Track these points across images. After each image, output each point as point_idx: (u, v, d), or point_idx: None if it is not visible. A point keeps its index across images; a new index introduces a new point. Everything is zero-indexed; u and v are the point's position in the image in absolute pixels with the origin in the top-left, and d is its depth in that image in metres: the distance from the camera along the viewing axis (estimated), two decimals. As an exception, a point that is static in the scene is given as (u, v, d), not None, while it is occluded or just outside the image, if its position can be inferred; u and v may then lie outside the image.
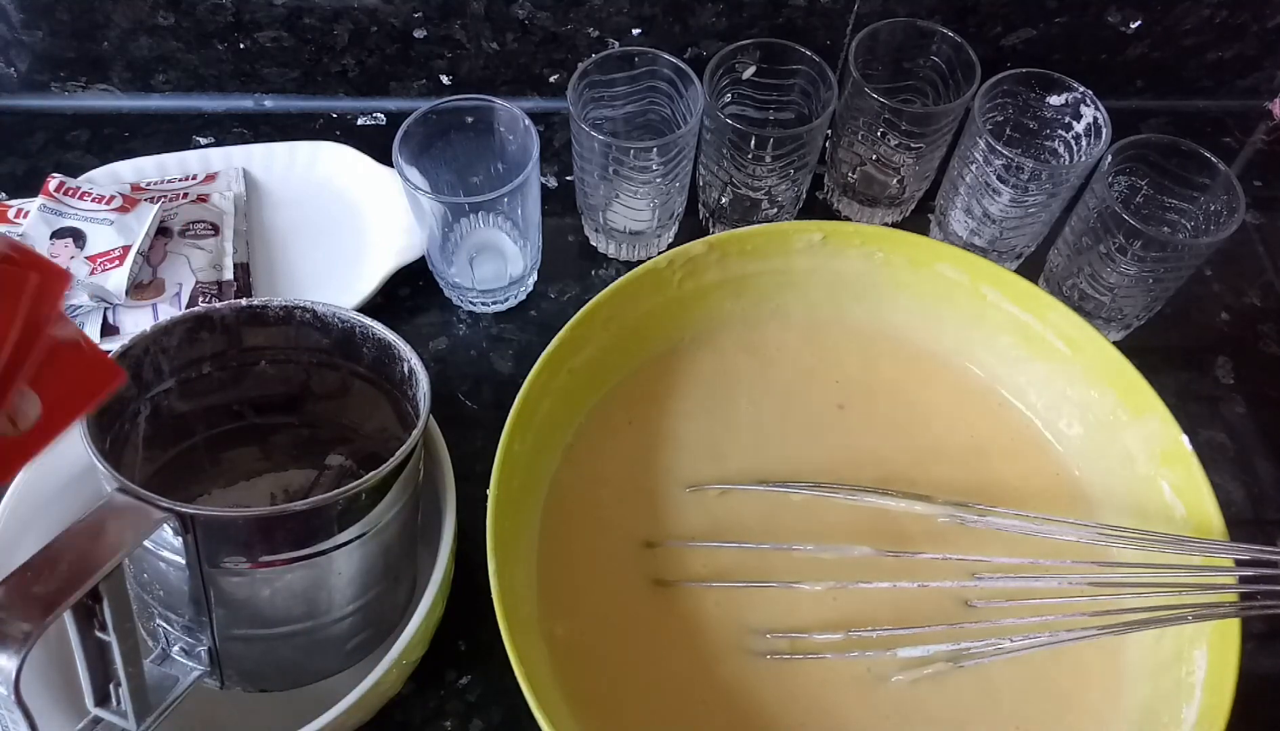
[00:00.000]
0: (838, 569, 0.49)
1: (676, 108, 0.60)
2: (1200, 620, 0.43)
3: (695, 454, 0.53)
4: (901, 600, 0.48)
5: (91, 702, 0.38)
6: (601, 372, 0.53)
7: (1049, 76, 0.58)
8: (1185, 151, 0.56)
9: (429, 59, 0.67)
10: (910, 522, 0.49)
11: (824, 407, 0.55)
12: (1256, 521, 0.57)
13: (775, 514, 0.51)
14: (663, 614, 0.48)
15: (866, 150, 0.62)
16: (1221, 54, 0.71)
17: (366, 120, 0.70)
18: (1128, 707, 0.46)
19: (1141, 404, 0.49)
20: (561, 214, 0.66)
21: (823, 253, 0.54)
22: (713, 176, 0.62)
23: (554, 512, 0.50)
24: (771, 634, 0.48)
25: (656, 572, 0.49)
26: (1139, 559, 0.47)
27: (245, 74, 0.68)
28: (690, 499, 0.51)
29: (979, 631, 0.47)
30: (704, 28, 0.66)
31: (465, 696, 0.50)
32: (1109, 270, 0.57)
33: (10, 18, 0.63)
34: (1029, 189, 0.57)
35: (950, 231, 0.64)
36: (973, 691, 0.47)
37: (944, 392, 0.56)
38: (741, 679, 0.47)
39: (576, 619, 0.48)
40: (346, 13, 0.64)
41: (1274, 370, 0.63)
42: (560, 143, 0.69)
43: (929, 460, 0.53)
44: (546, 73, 0.69)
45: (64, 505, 0.46)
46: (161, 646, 0.42)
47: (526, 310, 0.62)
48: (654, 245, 0.64)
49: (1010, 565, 0.48)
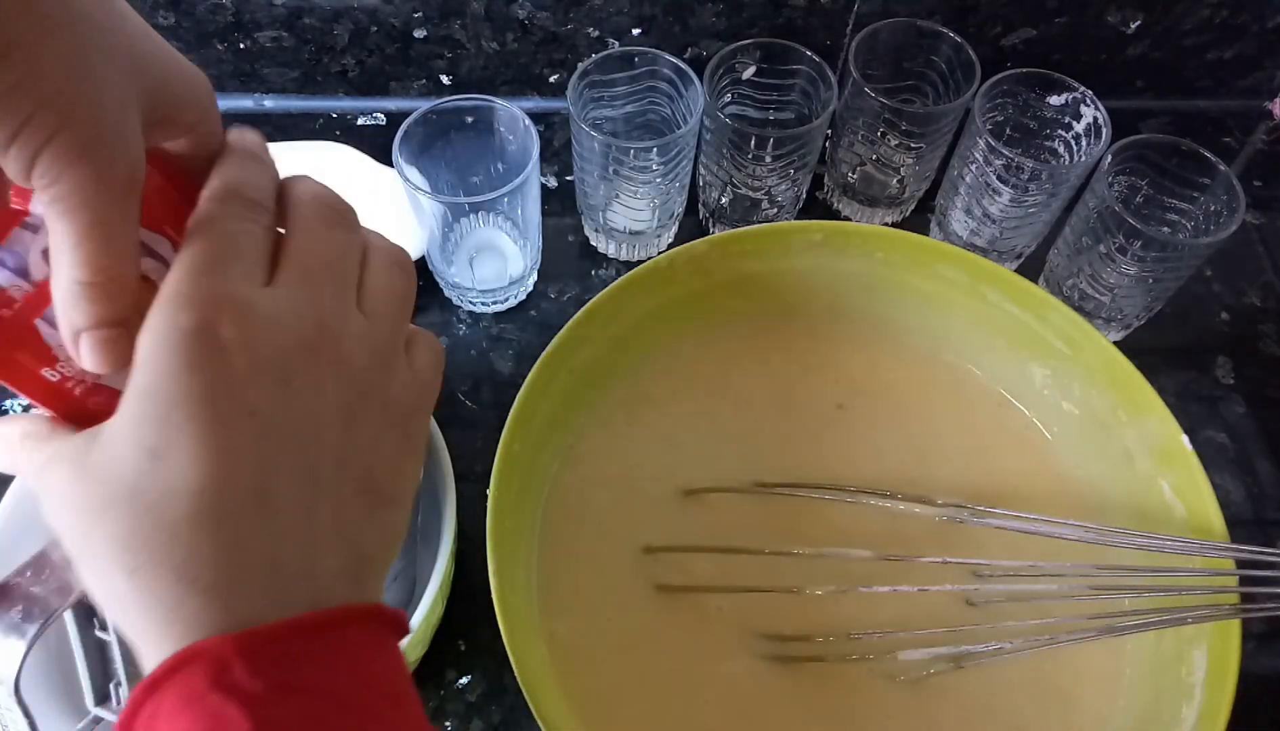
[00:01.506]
0: (839, 572, 0.49)
1: (676, 108, 0.60)
2: (1200, 622, 0.43)
3: (695, 454, 0.53)
4: (903, 603, 0.48)
5: (91, 702, 0.38)
6: (601, 373, 0.53)
7: (1049, 76, 0.58)
8: (1185, 151, 0.56)
9: (429, 59, 0.67)
10: (911, 524, 0.49)
11: (824, 407, 0.55)
12: (1256, 521, 0.57)
13: (776, 515, 0.51)
14: (663, 614, 0.48)
15: (866, 150, 0.62)
16: (1221, 54, 0.71)
17: (366, 120, 0.70)
18: (1128, 707, 0.46)
19: (1141, 404, 0.49)
20: (561, 214, 0.66)
21: (823, 252, 0.54)
22: (713, 176, 0.62)
23: (554, 513, 0.50)
24: (772, 636, 0.48)
25: (657, 573, 0.49)
26: (1139, 560, 0.47)
27: (245, 74, 0.68)
28: (690, 500, 0.51)
29: (980, 634, 0.47)
30: (704, 28, 0.66)
31: (465, 696, 0.50)
32: (1109, 270, 0.57)
33: (10, 18, 0.63)
34: (1029, 189, 0.57)
35: (950, 231, 0.64)
36: (973, 691, 0.47)
37: (944, 392, 0.56)
38: (742, 679, 0.47)
39: (577, 619, 0.48)
40: (346, 13, 0.64)
41: (1274, 370, 0.63)
42: (560, 143, 0.69)
43: (929, 460, 0.53)
44: (546, 73, 0.69)
45: (64, 505, 0.46)
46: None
47: (526, 310, 0.62)
48: (654, 245, 0.64)
49: (1011, 568, 0.48)
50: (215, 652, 0.24)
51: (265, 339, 0.27)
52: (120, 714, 0.25)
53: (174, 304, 0.26)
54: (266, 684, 0.24)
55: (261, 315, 0.27)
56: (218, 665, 0.24)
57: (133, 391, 0.26)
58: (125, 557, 0.25)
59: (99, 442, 0.26)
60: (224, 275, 0.27)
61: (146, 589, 0.25)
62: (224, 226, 0.28)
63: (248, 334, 0.26)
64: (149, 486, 0.25)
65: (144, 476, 0.25)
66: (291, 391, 0.27)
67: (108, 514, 0.25)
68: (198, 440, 0.25)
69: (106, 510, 0.25)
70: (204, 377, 0.25)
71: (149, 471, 0.25)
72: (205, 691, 0.24)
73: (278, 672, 0.24)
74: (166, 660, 0.24)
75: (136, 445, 0.25)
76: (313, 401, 0.27)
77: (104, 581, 0.26)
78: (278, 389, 0.27)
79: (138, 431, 0.25)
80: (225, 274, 0.27)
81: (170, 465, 0.25)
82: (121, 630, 0.26)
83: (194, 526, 0.25)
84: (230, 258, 0.27)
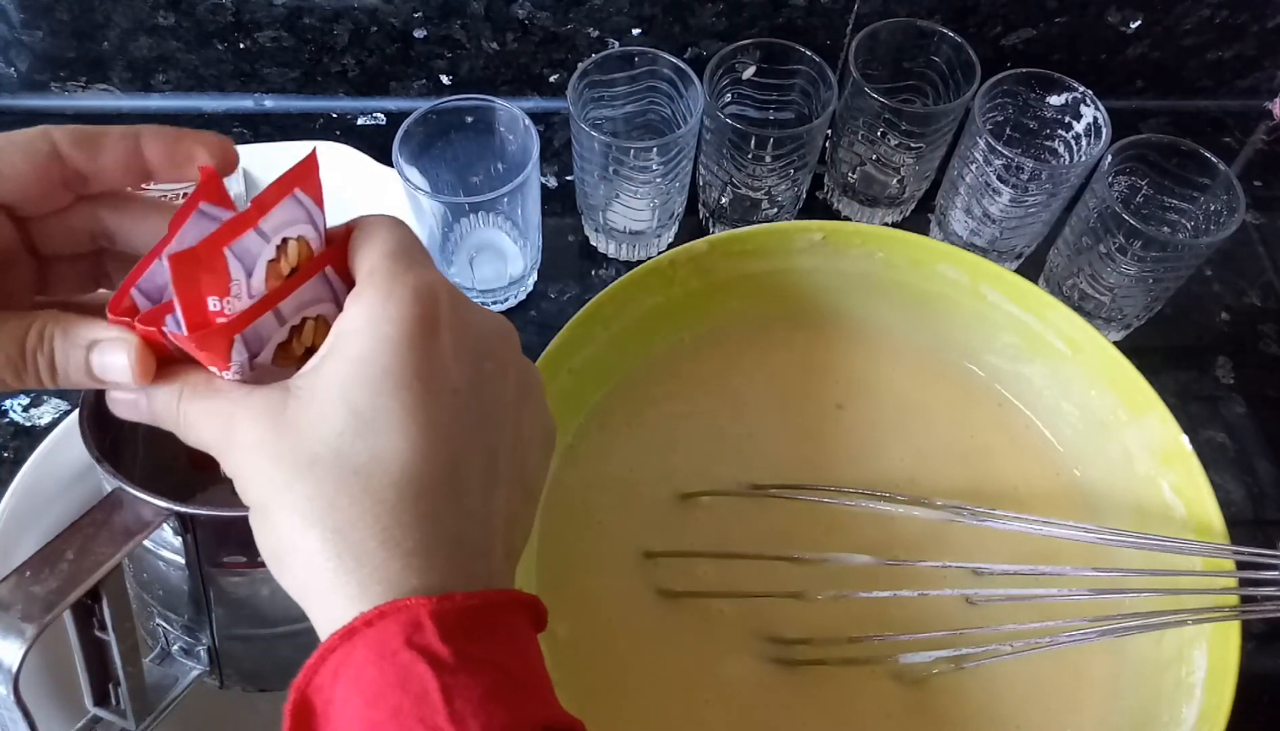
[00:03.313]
0: (840, 575, 0.49)
1: (676, 108, 0.60)
2: (1200, 623, 0.43)
3: (695, 454, 0.53)
4: (904, 605, 0.48)
5: (90, 702, 0.38)
6: (601, 373, 0.53)
7: (1049, 76, 0.58)
8: (1185, 151, 0.56)
9: (429, 59, 0.67)
10: (911, 525, 0.49)
11: (824, 407, 0.55)
12: (1256, 521, 0.57)
13: (776, 515, 0.51)
14: (663, 615, 0.48)
15: (866, 150, 0.62)
16: (1221, 54, 0.71)
17: (366, 120, 0.70)
18: (1128, 707, 0.46)
19: (1141, 404, 0.49)
20: (561, 214, 0.66)
21: (823, 252, 0.54)
22: (713, 176, 0.62)
23: (554, 513, 0.50)
24: (774, 638, 0.48)
25: (658, 575, 0.49)
26: (1139, 561, 0.47)
27: (245, 74, 0.68)
28: (690, 501, 0.51)
29: (981, 636, 0.47)
30: (704, 28, 0.66)
31: (465, 696, 0.49)
32: (1109, 270, 0.57)
33: (10, 18, 0.63)
34: (1029, 189, 0.57)
35: (950, 231, 0.64)
36: (974, 691, 0.47)
37: (944, 392, 0.56)
38: (743, 680, 0.47)
39: (577, 619, 0.47)
40: (346, 13, 0.64)
41: (1274, 370, 0.63)
42: (560, 143, 0.69)
43: (929, 460, 0.53)
44: (546, 73, 0.69)
45: (64, 504, 0.46)
46: (161, 645, 0.42)
47: (526, 310, 0.62)
48: (654, 245, 0.64)
49: (1011, 572, 0.48)
50: (412, 613, 0.25)
51: (471, 320, 0.29)
52: (307, 661, 0.26)
53: (390, 279, 0.27)
54: (453, 650, 0.25)
55: (465, 299, 0.29)
56: (412, 625, 0.25)
57: (341, 356, 0.27)
58: (332, 516, 0.26)
59: (299, 400, 0.27)
60: (430, 264, 0.29)
61: (351, 547, 0.26)
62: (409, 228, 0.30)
63: (457, 315, 0.28)
64: (360, 449, 0.26)
65: (354, 438, 0.26)
66: (484, 375, 0.29)
67: (314, 470, 0.26)
68: (408, 410, 0.26)
69: (313, 466, 0.26)
70: (417, 352, 0.27)
71: (359, 434, 0.26)
72: (399, 648, 0.25)
73: (464, 641, 0.26)
74: (366, 613, 0.25)
75: (346, 407, 0.26)
76: (499, 387, 0.29)
77: (295, 534, 0.26)
78: (474, 371, 0.28)
79: (347, 393, 0.26)
80: (430, 263, 0.29)
81: (380, 431, 0.26)
82: (287, 581, 0.27)
83: (399, 494, 0.26)
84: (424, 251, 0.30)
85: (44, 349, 0.29)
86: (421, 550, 0.26)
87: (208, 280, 0.27)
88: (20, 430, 0.56)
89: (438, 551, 0.27)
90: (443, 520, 0.27)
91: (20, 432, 0.56)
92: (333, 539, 0.26)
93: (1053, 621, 0.46)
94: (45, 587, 0.33)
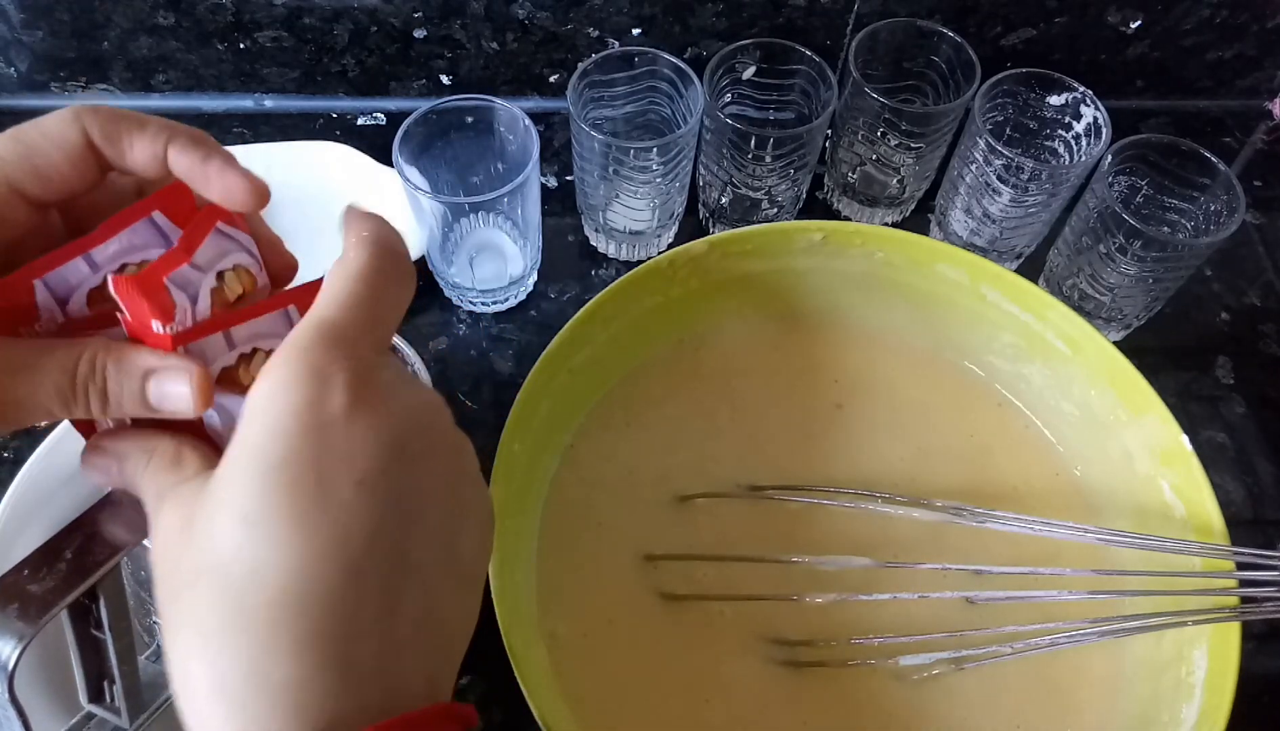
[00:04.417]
0: (840, 577, 0.48)
1: (676, 108, 0.60)
2: (1200, 624, 0.43)
3: (695, 454, 0.53)
4: (904, 607, 0.48)
5: (85, 699, 0.38)
6: (601, 373, 0.53)
7: (1049, 76, 0.58)
8: (1185, 151, 0.56)
9: (429, 59, 0.67)
10: (911, 526, 0.49)
11: (823, 407, 0.55)
12: (1256, 521, 0.57)
13: (777, 516, 0.51)
14: (663, 616, 0.48)
15: (866, 150, 0.62)
16: (1221, 54, 0.71)
17: (366, 120, 0.70)
18: (1128, 707, 0.46)
19: (1141, 404, 0.49)
20: (561, 214, 0.66)
21: (823, 252, 0.54)
22: (713, 176, 0.62)
23: (554, 513, 0.50)
24: (774, 640, 0.48)
25: (658, 576, 0.49)
26: (1139, 561, 0.47)
27: (245, 74, 0.68)
28: (690, 502, 0.51)
29: (981, 637, 0.47)
30: (704, 28, 0.66)
31: (465, 696, 0.49)
32: (1109, 270, 0.57)
33: (10, 18, 0.63)
34: (1029, 189, 0.57)
35: (950, 231, 0.64)
36: (974, 692, 0.47)
37: (944, 392, 0.56)
38: (743, 681, 0.47)
39: (577, 620, 0.48)
40: (346, 13, 0.64)
41: (1274, 370, 0.63)
42: (560, 143, 0.69)
43: (928, 460, 0.53)
44: (546, 73, 0.69)
45: (62, 503, 0.46)
46: (157, 643, 0.42)
47: (526, 310, 0.62)
48: (654, 245, 0.64)
49: (1011, 573, 0.48)
50: None
51: (393, 399, 0.26)
52: None
53: (303, 355, 0.25)
54: None
55: (391, 375, 0.26)
56: None
57: (242, 442, 0.25)
58: (199, 641, 0.24)
59: (206, 494, 0.25)
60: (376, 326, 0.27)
61: (223, 685, 0.23)
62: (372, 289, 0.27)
63: (374, 395, 0.25)
64: (243, 559, 0.24)
65: (237, 549, 0.24)
66: (404, 459, 0.26)
67: (199, 582, 0.24)
68: (296, 515, 0.24)
69: (198, 578, 0.24)
70: (315, 443, 0.24)
71: (242, 544, 0.24)
72: None
73: None
74: None
75: (232, 510, 0.24)
76: (421, 471, 0.26)
77: (180, 660, 0.24)
78: (389, 457, 0.25)
79: (233, 494, 0.24)
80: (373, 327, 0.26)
81: (262, 540, 0.24)
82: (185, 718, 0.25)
83: (273, 616, 0.23)
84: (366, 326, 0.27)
85: (96, 379, 0.27)
86: (296, 683, 0.23)
87: (151, 306, 0.27)
88: (20, 430, 0.56)
89: (316, 682, 0.24)
90: (326, 642, 0.24)
91: (20, 432, 0.56)
92: (207, 674, 0.23)
93: (1052, 622, 0.46)
94: (43, 587, 0.33)
